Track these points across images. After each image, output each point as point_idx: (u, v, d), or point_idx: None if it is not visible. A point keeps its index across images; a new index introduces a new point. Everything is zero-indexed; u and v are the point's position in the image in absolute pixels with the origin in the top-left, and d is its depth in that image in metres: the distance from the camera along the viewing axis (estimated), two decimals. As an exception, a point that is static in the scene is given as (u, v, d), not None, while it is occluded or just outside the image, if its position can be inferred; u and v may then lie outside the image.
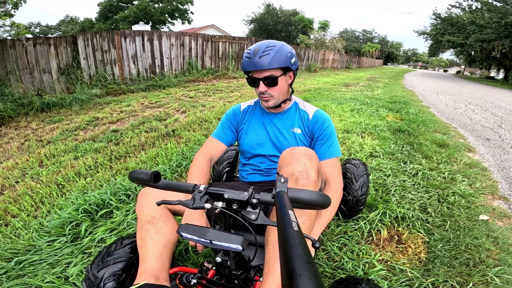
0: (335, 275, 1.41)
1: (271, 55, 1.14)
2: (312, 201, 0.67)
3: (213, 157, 1.36)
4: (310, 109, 1.38)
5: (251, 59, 1.16)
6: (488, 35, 20.17)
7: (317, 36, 24.26)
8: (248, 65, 1.17)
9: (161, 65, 7.89)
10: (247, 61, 1.18)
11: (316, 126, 1.32)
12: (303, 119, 1.35)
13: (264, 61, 1.14)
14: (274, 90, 1.23)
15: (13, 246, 1.59)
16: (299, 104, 1.41)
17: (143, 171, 0.83)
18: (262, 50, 1.15)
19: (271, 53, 1.15)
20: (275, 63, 1.15)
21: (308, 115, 1.35)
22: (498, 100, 9.51)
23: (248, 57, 1.17)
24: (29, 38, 5.42)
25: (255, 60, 1.15)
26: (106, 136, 3.57)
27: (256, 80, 1.21)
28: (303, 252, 0.34)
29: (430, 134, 4.05)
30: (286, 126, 1.35)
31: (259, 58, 1.14)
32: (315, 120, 1.33)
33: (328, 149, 1.28)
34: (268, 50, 1.15)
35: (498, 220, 2.01)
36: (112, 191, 2.05)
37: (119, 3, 30.01)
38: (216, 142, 1.40)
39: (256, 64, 1.15)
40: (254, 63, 1.15)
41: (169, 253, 1.02)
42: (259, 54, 1.15)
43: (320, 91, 7.95)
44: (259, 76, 1.19)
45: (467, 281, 1.40)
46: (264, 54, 1.14)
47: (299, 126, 1.34)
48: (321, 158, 1.26)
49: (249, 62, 1.17)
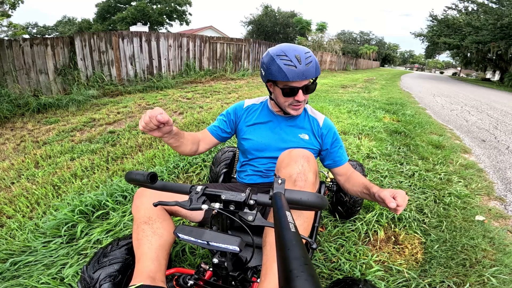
0: (332, 276, 1.41)
1: (314, 63, 1.10)
2: (309, 203, 0.67)
3: (200, 146, 1.31)
4: (319, 116, 1.37)
5: (297, 68, 1.06)
6: (484, 37, 20.37)
7: (314, 37, 24.33)
8: (294, 74, 1.06)
9: (159, 66, 7.87)
10: (291, 70, 1.06)
11: (329, 134, 1.32)
12: (312, 124, 1.33)
13: (312, 69, 1.08)
14: (308, 96, 1.22)
15: (8, 247, 1.57)
16: (308, 109, 1.38)
17: (139, 172, 0.83)
18: (305, 57, 1.08)
19: (313, 60, 1.10)
20: (319, 70, 1.13)
21: (318, 122, 1.34)
22: (493, 101, 9.60)
23: (291, 65, 1.06)
24: (26, 39, 5.39)
25: (303, 69, 1.06)
26: (102, 137, 3.55)
27: (294, 89, 1.12)
28: (300, 254, 0.34)
29: (427, 135, 4.07)
30: (294, 131, 1.32)
31: (306, 65, 1.07)
32: (327, 128, 1.33)
33: (344, 152, 1.35)
34: (309, 57, 1.10)
35: (494, 221, 2.02)
36: (108, 192, 2.03)
37: (117, 4, 29.95)
38: (207, 135, 1.37)
39: (306, 73, 1.07)
40: (303, 72, 1.06)
41: (166, 254, 1.02)
42: (304, 62, 1.07)
43: (318, 93, 7.97)
44: (299, 84, 1.11)
45: (463, 282, 1.40)
46: (308, 62, 1.08)
47: (308, 132, 1.32)
48: (341, 162, 1.32)
49: (294, 71, 1.06)
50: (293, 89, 1.13)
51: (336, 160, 1.32)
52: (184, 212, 1.17)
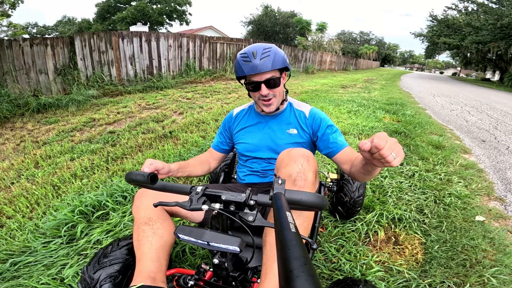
0: (332, 276, 1.41)
1: (272, 56, 1.13)
2: (309, 203, 0.67)
3: (211, 165, 1.45)
4: (305, 107, 1.37)
5: (251, 62, 1.12)
6: (483, 37, 20.37)
7: (314, 37, 24.32)
8: (249, 68, 1.13)
9: (159, 66, 7.87)
10: (247, 65, 1.13)
11: (316, 122, 1.29)
12: (299, 118, 1.33)
13: (267, 63, 1.12)
14: (276, 91, 1.22)
15: (8, 247, 1.57)
16: (294, 104, 1.39)
17: (140, 172, 0.83)
18: (261, 52, 1.13)
19: (271, 55, 1.13)
20: (278, 64, 1.14)
21: (305, 113, 1.34)
22: (493, 102, 9.60)
23: (247, 60, 1.13)
24: (26, 39, 5.39)
25: (256, 63, 1.12)
26: (102, 137, 3.55)
27: (256, 83, 1.17)
28: (300, 254, 0.34)
29: (426, 135, 4.07)
30: (282, 127, 1.33)
31: (261, 60, 1.11)
32: (313, 117, 1.32)
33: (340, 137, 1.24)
34: (267, 52, 1.13)
35: (494, 221, 2.02)
36: (108, 193, 2.04)
37: (117, 4, 29.93)
38: (213, 152, 1.49)
39: (259, 66, 1.12)
40: (255, 65, 1.12)
41: (166, 254, 1.02)
42: (259, 57, 1.12)
43: (318, 93, 7.98)
44: (260, 79, 1.16)
45: (464, 282, 1.40)
46: (264, 56, 1.12)
47: (295, 127, 1.32)
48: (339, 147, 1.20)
49: (249, 65, 1.13)
50: (255, 84, 1.18)
51: (331, 146, 1.22)
52: (184, 213, 1.18)
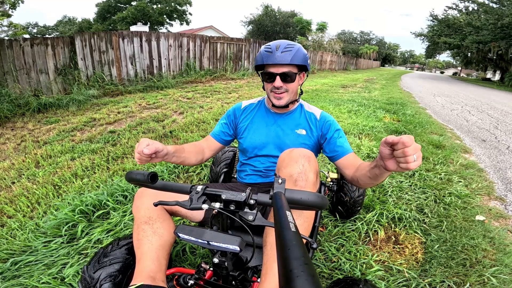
0: (332, 275, 1.41)
1: (293, 52, 1.17)
2: (309, 202, 0.67)
3: (205, 153, 1.36)
4: (316, 110, 1.38)
5: (272, 53, 1.17)
6: (484, 37, 20.35)
7: (315, 37, 24.30)
8: (269, 58, 1.17)
9: (159, 66, 7.87)
10: (267, 55, 1.18)
11: (326, 125, 1.31)
12: (309, 120, 1.34)
13: (287, 56, 1.16)
14: (289, 86, 1.23)
15: (9, 246, 1.57)
16: (304, 106, 1.40)
17: (140, 172, 0.83)
18: (284, 46, 1.17)
19: (293, 50, 1.17)
20: (296, 60, 1.17)
21: (316, 115, 1.35)
22: (494, 101, 9.59)
23: (269, 51, 1.18)
24: (27, 39, 5.39)
25: (276, 54, 1.16)
26: (103, 137, 3.56)
27: (272, 74, 1.21)
28: (300, 253, 0.34)
29: (427, 135, 4.07)
30: (291, 127, 1.33)
31: (282, 53, 1.16)
32: (324, 120, 1.33)
33: (346, 143, 1.27)
34: (289, 47, 1.18)
35: (494, 221, 2.02)
36: (109, 192, 2.04)
37: (117, 4, 29.93)
38: (211, 141, 1.42)
39: (278, 58, 1.16)
40: (275, 57, 1.16)
41: (166, 254, 1.02)
42: (281, 50, 1.17)
43: (318, 93, 7.97)
44: (277, 71, 1.19)
45: (464, 281, 1.40)
46: (286, 50, 1.16)
47: (305, 128, 1.32)
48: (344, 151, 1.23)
49: (269, 55, 1.17)
50: (271, 75, 1.21)
51: (337, 150, 1.24)
52: (184, 212, 1.18)
